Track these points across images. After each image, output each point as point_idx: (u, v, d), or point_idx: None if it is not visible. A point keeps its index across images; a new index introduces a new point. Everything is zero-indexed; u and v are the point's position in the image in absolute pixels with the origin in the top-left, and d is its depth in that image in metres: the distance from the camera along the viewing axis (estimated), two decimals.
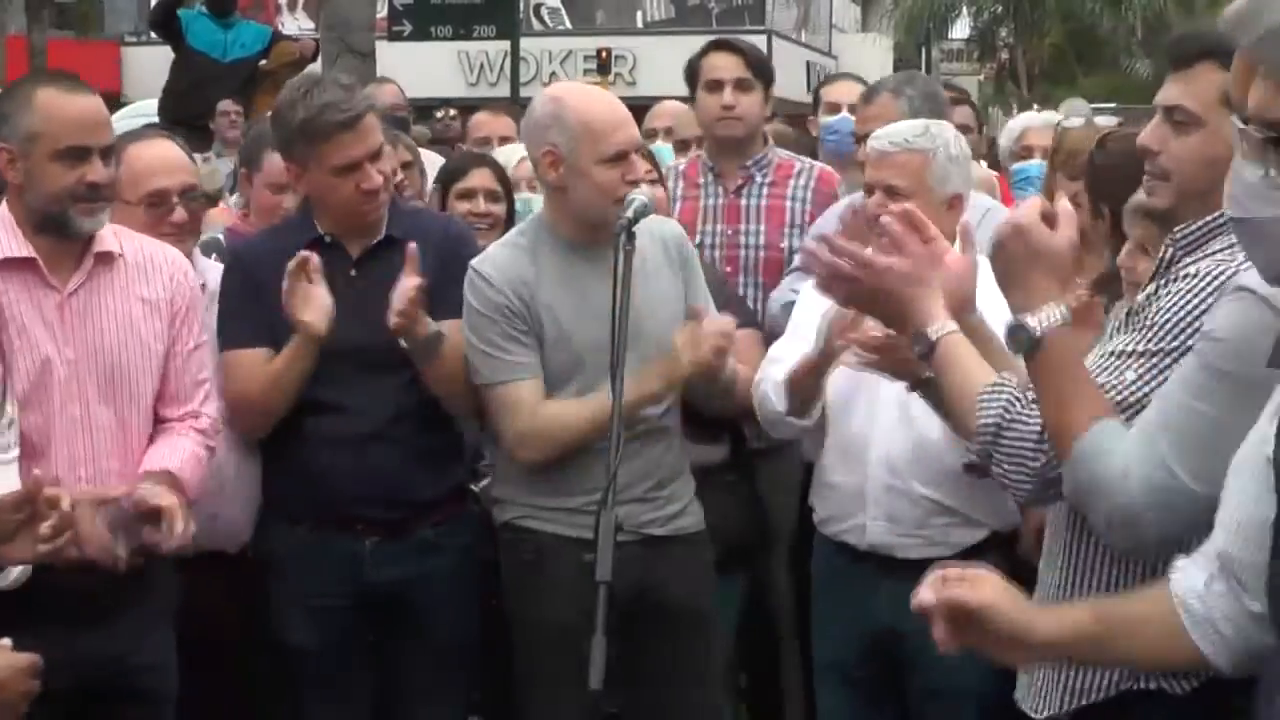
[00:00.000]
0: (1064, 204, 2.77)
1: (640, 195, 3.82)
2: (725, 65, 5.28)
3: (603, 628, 3.06)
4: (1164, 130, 2.79)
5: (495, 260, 4.06)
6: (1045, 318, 2.60)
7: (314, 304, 4.00)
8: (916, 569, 3.84)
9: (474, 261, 4.06)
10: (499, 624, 4.20)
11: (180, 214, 4.12)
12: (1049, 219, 2.70)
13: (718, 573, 4.26)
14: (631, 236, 3.68)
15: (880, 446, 4.01)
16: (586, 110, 3.98)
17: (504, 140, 6.42)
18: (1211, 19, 2.47)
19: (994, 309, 2.90)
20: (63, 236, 3.66)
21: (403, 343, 4.02)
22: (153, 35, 31.66)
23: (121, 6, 33.18)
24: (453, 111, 11.87)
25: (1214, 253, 2.72)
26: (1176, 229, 2.78)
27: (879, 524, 4.01)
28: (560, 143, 3.96)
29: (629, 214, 3.72)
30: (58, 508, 3.03)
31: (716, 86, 5.26)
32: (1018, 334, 2.61)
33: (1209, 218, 2.72)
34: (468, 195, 5.08)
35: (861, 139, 4.69)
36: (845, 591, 4.08)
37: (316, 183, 4.10)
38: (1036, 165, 4.94)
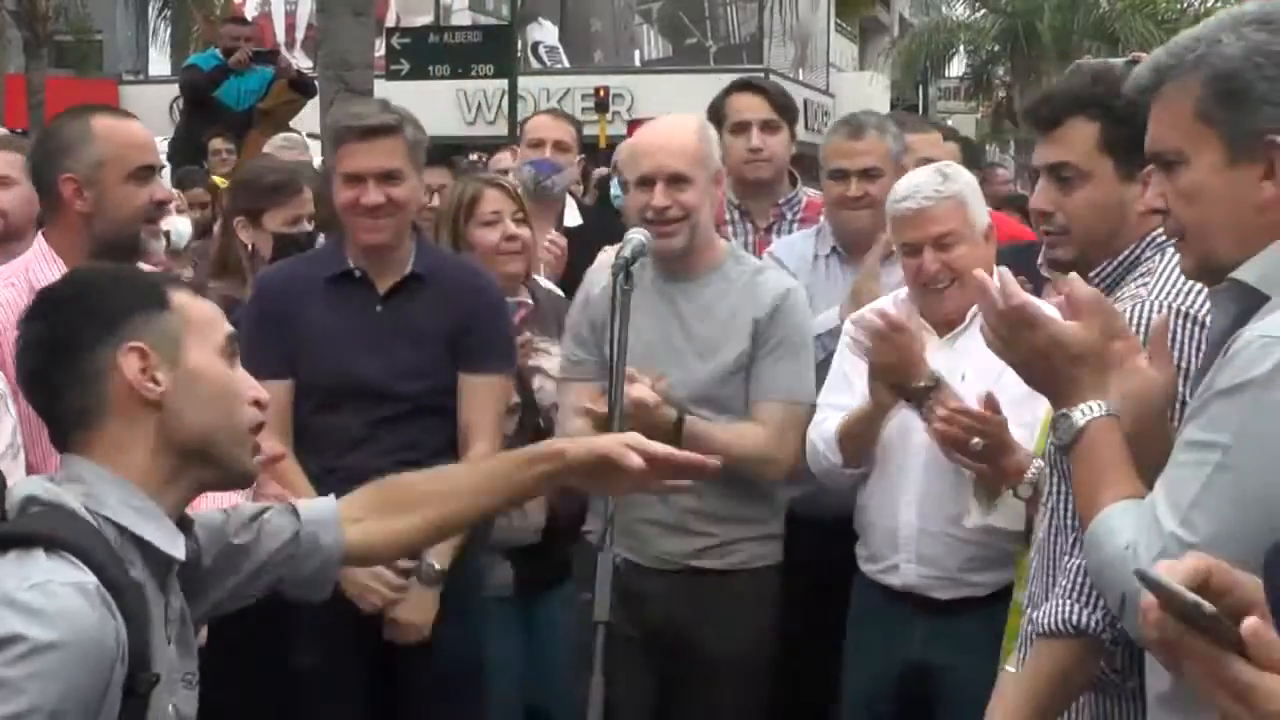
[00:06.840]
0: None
1: (638, 234, 3.83)
2: (750, 106, 5.23)
3: (600, 668, 3.04)
4: (1052, 190, 2.90)
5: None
6: (1086, 410, 2.41)
7: None
8: (951, 608, 3.98)
9: None
10: None
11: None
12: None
13: None
14: (629, 275, 3.67)
15: (912, 489, 4.03)
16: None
17: (557, 145, 6.02)
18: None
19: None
20: (128, 261, 3.53)
21: None
22: (151, 74, 31.88)
23: (120, 45, 33.30)
24: (484, 156, 11.88)
25: (1136, 284, 2.79)
26: (1092, 274, 2.83)
27: (911, 566, 4.04)
28: None
29: (626, 252, 3.72)
30: None
31: (743, 129, 5.20)
32: (1060, 426, 2.44)
33: (1120, 258, 2.86)
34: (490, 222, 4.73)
35: (845, 174, 4.68)
36: (880, 625, 4.12)
37: (337, 192, 4.11)
38: None
